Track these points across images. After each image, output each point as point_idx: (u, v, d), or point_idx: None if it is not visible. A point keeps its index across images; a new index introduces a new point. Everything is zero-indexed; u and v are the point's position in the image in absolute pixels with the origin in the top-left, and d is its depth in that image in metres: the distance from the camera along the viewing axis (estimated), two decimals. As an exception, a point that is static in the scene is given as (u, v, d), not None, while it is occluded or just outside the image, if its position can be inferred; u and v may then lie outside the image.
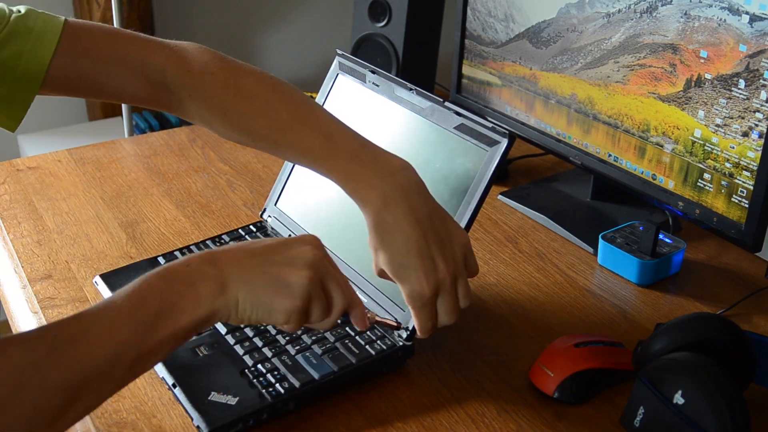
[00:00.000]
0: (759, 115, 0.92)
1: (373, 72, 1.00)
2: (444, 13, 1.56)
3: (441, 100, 0.91)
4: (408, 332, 0.85)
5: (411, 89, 0.95)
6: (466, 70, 1.34)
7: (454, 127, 0.89)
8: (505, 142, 0.84)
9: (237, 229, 1.07)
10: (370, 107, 1.00)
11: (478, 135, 0.86)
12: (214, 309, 0.66)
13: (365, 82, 1.01)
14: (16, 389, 0.59)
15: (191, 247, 1.03)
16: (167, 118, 2.30)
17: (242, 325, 0.89)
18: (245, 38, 2.60)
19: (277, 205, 1.08)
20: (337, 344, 0.86)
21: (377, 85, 1.00)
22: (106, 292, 0.96)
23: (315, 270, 0.69)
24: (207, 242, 1.04)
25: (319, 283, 0.70)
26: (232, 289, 0.67)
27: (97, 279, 0.98)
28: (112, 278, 0.98)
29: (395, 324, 0.82)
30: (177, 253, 1.02)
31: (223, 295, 0.66)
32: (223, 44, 2.56)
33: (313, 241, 0.72)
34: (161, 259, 1.01)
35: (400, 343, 0.85)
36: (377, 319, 0.80)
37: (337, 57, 1.07)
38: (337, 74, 1.06)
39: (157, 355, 0.65)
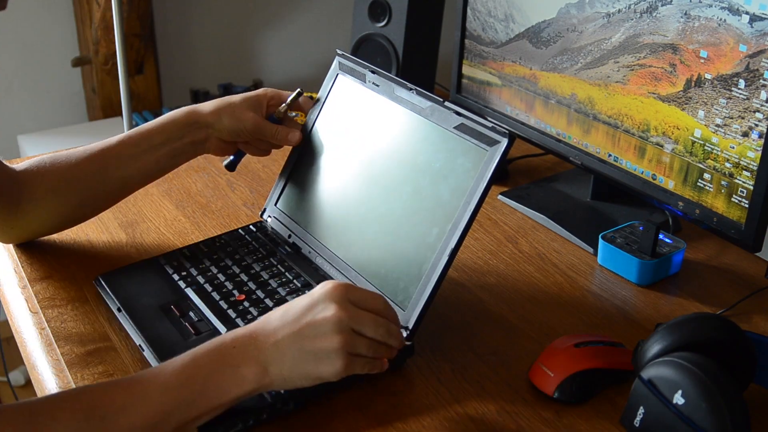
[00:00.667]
0: (759, 115, 0.92)
1: (373, 72, 1.00)
2: (444, 13, 1.56)
3: (441, 100, 0.91)
4: (408, 332, 0.85)
5: (411, 89, 0.95)
6: (466, 70, 1.34)
7: (454, 127, 0.89)
8: (505, 142, 0.84)
9: (237, 229, 1.07)
10: (370, 107, 1.00)
11: (478, 135, 0.86)
12: (256, 387, 0.74)
13: (365, 82, 1.01)
14: None
15: (191, 247, 1.03)
16: (167, 118, 2.29)
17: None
18: (245, 38, 2.60)
19: (277, 205, 1.08)
20: (337, 344, 0.86)
21: (377, 85, 1.00)
22: (106, 293, 0.96)
23: (342, 330, 0.74)
24: (207, 242, 1.04)
25: (351, 335, 0.75)
26: (274, 369, 0.74)
27: (97, 279, 0.98)
28: (112, 278, 0.98)
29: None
30: (177, 253, 1.02)
31: (266, 376, 0.73)
32: (223, 44, 2.56)
33: (334, 296, 0.76)
34: (161, 259, 1.01)
35: (400, 343, 0.85)
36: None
37: (337, 57, 1.07)
38: (337, 74, 1.06)
39: (197, 422, 0.72)
